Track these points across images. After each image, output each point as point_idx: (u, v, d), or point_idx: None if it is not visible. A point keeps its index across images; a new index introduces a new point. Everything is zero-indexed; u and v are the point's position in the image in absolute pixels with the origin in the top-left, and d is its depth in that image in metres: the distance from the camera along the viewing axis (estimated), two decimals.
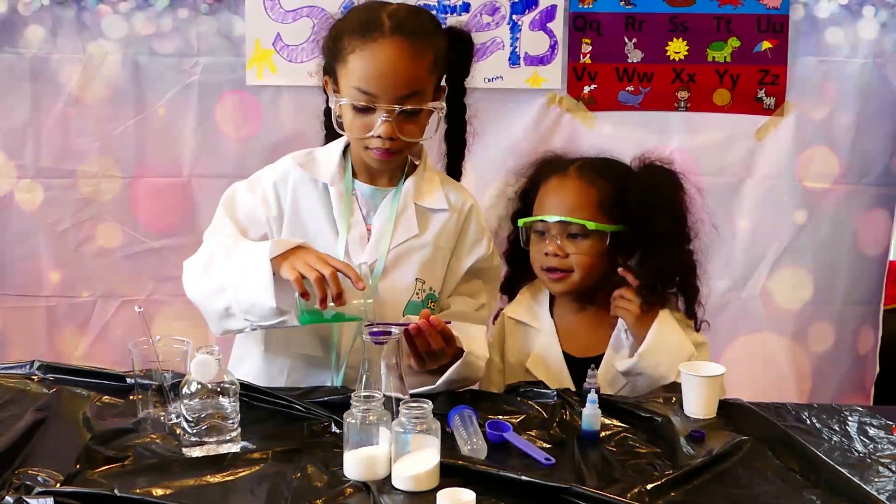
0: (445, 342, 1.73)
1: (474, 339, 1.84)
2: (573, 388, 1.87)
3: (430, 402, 1.42)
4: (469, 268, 1.94)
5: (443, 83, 1.86)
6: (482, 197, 2.43)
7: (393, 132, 1.74)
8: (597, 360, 1.97)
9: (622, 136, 2.68)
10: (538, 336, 2.06)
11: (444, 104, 1.85)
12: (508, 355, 2.09)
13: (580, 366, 1.95)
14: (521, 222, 2.05)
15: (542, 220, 2.00)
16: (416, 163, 1.93)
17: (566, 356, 2.02)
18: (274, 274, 1.66)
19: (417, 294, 1.87)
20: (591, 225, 1.96)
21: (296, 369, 1.87)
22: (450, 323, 1.74)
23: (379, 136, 1.75)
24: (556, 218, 1.97)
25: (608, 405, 1.69)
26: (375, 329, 1.59)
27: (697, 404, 1.72)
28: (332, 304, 1.62)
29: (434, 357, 1.74)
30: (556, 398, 1.76)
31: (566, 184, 2.01)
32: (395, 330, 1.60)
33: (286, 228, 1.86)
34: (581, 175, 2.01)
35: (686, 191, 2.04)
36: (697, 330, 2.05)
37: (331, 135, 1.92)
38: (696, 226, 2.05)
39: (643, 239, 1.98)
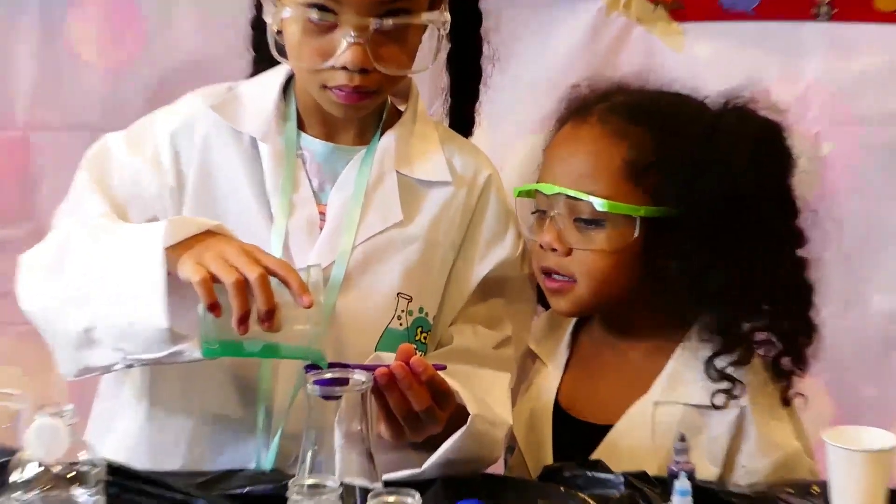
0: (436, 399, 1.35)
1: (490, 396, 1.46)
2: (551, 459, 1.54)
3: (418, 495, 1.11)
4: (485, 277, 1.56)
5: None
6: (503, 162, 1.90)
7: (366, 60, 1.40)
8: (603, 431, 1.57)
9: (726, 62, 2.13)
10: (543, 375, 1.67)
11: (446, 15, 1.49)
12: None
13: (577, 432, 1.59)
14: (515, 192, 1.61)
15: (539, 192, 1.55)
16: (401, 108, 1.58)
17: (559, 413, 1.62)
18: (169, 274, 1.32)
19: (399, 318, 1.51)
20: (604, 205, 1.49)
21: (200, 439, 1.49)
22: (445, 368, 1.38)
23: (344, 67, 1.41)
24: (555, 189, 1.52)
25: (708, 496, 1.33)
26: (326, 375, 1.26)
27: (852, 496, 1.34)
28: (257, 327, 1.27)
29: (417, 423, 1.36)
30: (623, 486, 1.38)
31: (580, 135, 1.56)
32: (357, 376, 1.24)
33: (190, 206, 1.51)
34: (605, 121, 1.54)
35: (798, 165, 1.56)
36: (786, 402, 1.55)
37: (263, 62, 1.56)
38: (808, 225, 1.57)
39: (713, 233, 1.51)
